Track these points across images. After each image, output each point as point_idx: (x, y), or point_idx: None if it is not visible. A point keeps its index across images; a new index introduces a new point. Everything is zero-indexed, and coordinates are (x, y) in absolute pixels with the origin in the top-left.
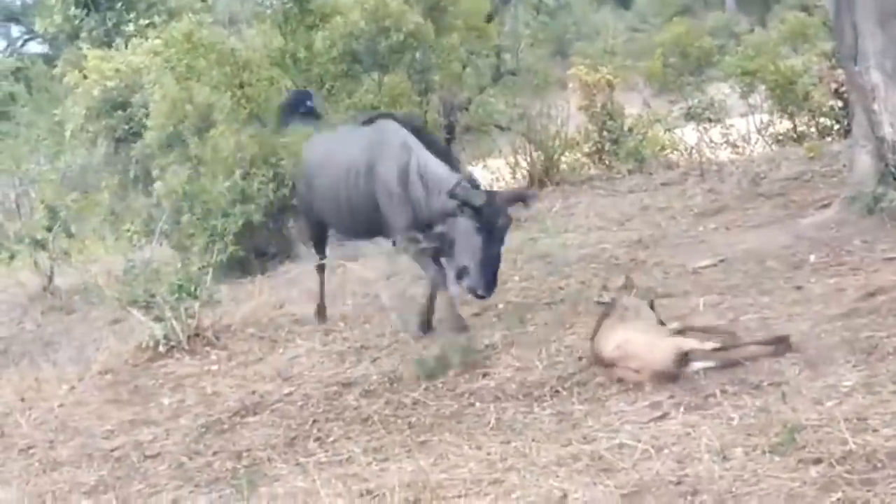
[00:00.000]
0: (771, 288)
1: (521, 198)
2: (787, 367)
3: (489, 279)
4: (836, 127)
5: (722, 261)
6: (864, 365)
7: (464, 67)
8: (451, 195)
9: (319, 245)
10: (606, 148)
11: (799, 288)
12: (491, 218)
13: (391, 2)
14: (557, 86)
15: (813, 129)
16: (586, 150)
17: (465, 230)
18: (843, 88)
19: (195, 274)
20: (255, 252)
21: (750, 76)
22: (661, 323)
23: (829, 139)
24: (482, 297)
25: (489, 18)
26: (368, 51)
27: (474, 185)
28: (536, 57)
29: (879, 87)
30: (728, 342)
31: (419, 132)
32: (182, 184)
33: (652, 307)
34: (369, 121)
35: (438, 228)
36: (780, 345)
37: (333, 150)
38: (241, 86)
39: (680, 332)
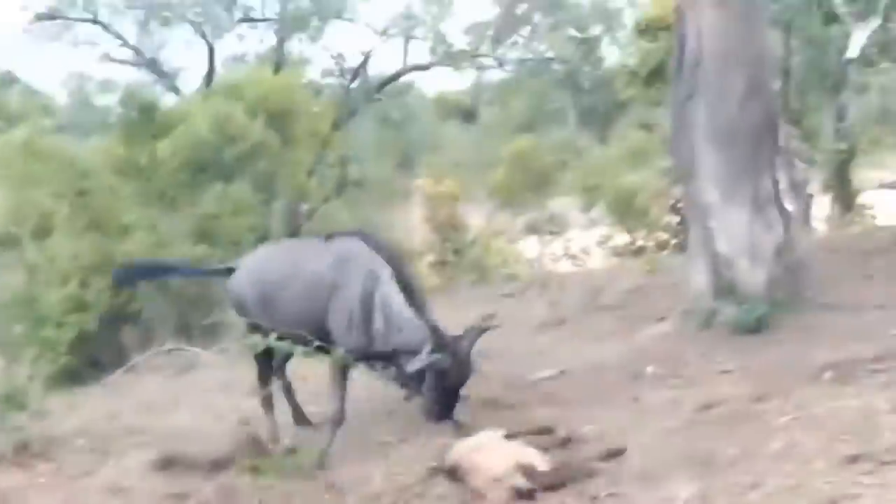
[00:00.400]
0: (610, 399)
1: (483, 331)
2: (625, 479)
3: (446, 414)
4: (674, 241)
5: (562, 372)
6: (699, 477)
7: (309, 176)
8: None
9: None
10: (450, 259)
11: (637, 400)
12: (456, 374)
13: (236, 113)
14: (402, 197)
15: (651, 243)
16: (430, 261)
17: (429, 386)
18: (680, 204)
19: (23, 384)
20: (88, 361)
21: (590, 191)
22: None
23: (666, 253)
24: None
25: (335, 127)
26: (213, 161)
27: (436, 329)
28: (381, 168)
29: (714, 204)
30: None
31: (389, 257)
32: (14, 293)
33: None
34: (331, 237)
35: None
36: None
37: (296, 263)
38: (82, 193)
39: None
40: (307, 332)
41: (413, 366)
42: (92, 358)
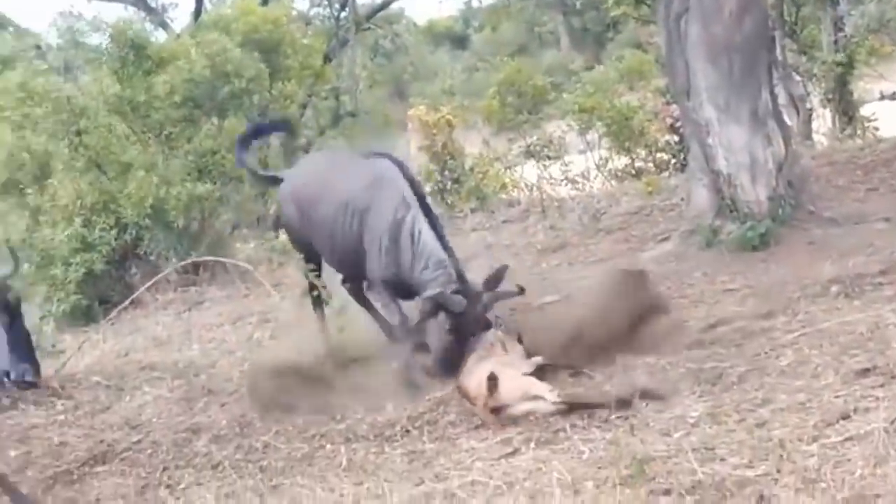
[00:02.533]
0: (615, 322)
1: (508, 296)
2: (635, 400)
3: (447, 369)
4: (673, 161)
5: (566, 296)
6: (709, 395)
7: (303, 109)
8: (431, 299)
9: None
10: (448, 187)
11: (643, 321)
12: (466, 325)
13: (231, 48)
14: (397, 126)
15: (650, 165)
16: (428, 189)
17: (437, 327)
18: (679, 124)
19: (35, 324)
20: (98, 300)
21: (587, 113)
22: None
23: (666, 174)
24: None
25: (327, 60)
26: (208, 96)
27: (461, 276)
28: (375, 98)
29: (712, 121)
30: (572, 399)
31: (416, 188)
32: (18, 234)
33: (520, 341)
34: (368, 156)
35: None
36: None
37: (331, 181)
38: (79, 133)
39: (542, 367)
40: (342, 252)
41: (428, 295)
42: (101, 296)
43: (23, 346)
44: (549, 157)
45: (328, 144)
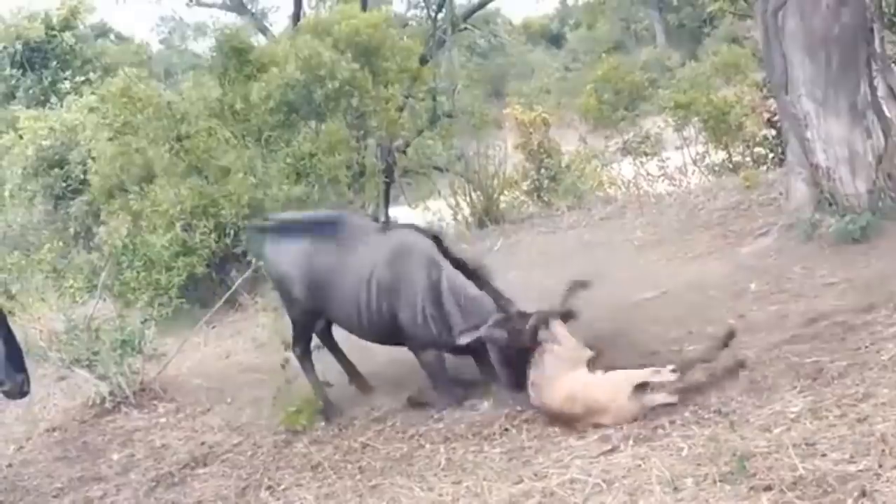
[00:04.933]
0: (714, 317)
1: (555, 316)
2: (735, 396)
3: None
4: (771, 156)
5: (664, 292)
6: (809, 390)
7: (400, 111)
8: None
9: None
10: (545, 185)
11: (741, 316)
12: (519, 353)
13: (324, 52)
14: (494, 126)
15: (748, 159)
16: (525, 188)
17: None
18: (776, 118)
19: (138, 328)
20: (199, 303)
21: (683, 109)
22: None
23: (764, 168)
24: None
25: (424, 61)
26: (304, 100)
27: (500, 303)
28: (472, 98)
29: (811, 115)
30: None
31: (440, 244)
32: (123, 237)
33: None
34: (386, 229)
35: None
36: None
37: (350, 255)
38: (179, 138)
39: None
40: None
41: (464, 339)
42: (203, 300)
43: (17, 358)
44: (645, 154)
45: (422, 146)
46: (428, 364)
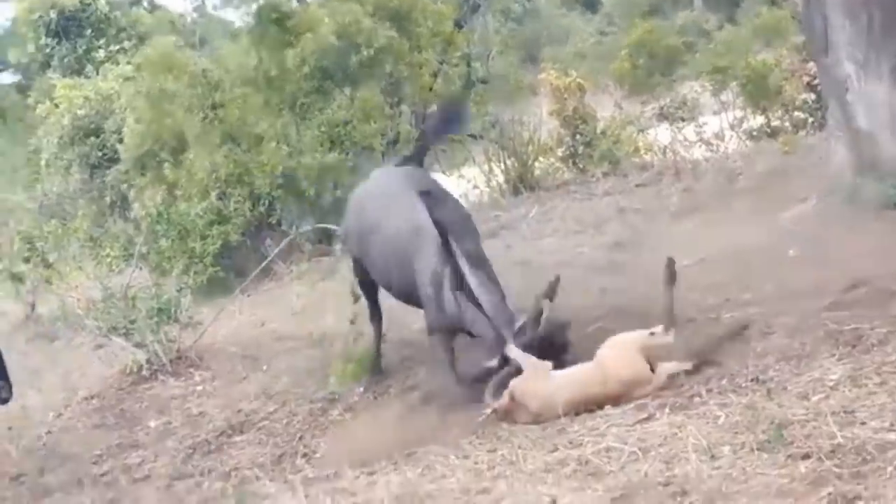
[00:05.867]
0: (752, 284)
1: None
2: (772, 363)
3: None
4: (811, 120)
5: (702, 259)
6: (848, 358)
7: (434, 77)
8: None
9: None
10: (580, 151)
11: (780, 283)
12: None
13: (363, 18)
14: (528, 92)
15: (787, 124)
16: (560, 154)
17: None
18: (816, 81)
19: (174, 296)
20: (234, 272)
21: (721, 73)
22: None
23: (803, 133)
24: None
25: (458, 26)
26: (339, 66)
27: (500, 341)
28: (506, 64)
29: (852, 78)
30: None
31: (460, 226)
32: (158, 206)
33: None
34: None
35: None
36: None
37: (385, 216)
38: (214, 106)
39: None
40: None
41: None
42: (238, 268)
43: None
44: (682, 119)
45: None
46: (433, 348)
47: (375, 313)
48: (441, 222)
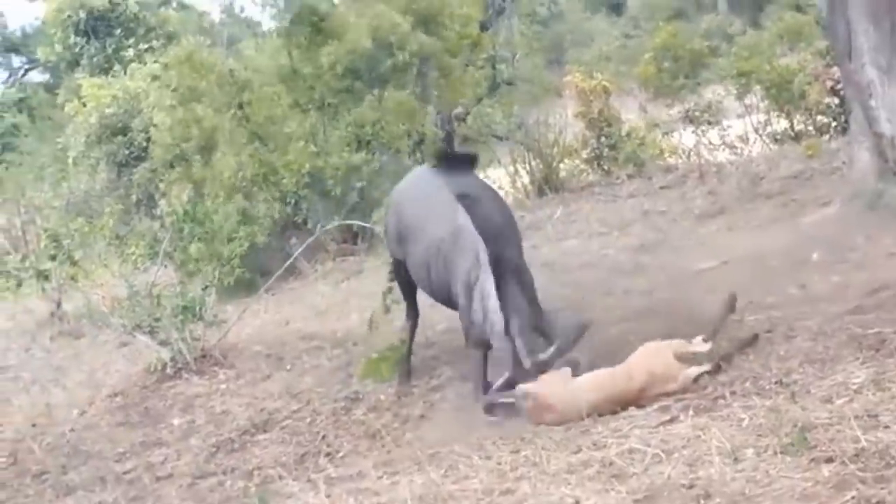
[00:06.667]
0: (775, 287)
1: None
2: (796, 366)
3: None
4: (834, 124)
5: (724, 262)
6: (872, 361)
7: (460, 78)
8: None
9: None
10: (605, 154)
11: (803, 286)
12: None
13: (399, 21)
14: (553, 94)
15: (811, 128)
16: (585, 156)
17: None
18: (840, 86)
19: (199, 295)
20: (258, 271)
21: (745, 77)
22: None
23: (827, 137)
24: None
25: (483, 28)
26: (370, 68)
27: (517, 365)
28: (532, 66)
29: (875, 83)
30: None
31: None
32: (184, 205)
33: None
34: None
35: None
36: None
37: (424, 219)
38: (241, 106)
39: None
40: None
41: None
42: (263, 268)
43: None
44: (707, 122)
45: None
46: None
47: (412, 314)
48: (478, 229)
